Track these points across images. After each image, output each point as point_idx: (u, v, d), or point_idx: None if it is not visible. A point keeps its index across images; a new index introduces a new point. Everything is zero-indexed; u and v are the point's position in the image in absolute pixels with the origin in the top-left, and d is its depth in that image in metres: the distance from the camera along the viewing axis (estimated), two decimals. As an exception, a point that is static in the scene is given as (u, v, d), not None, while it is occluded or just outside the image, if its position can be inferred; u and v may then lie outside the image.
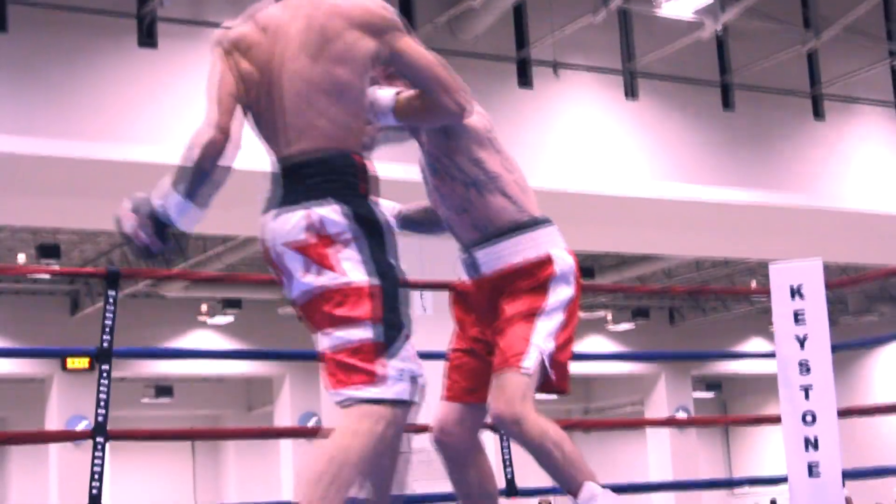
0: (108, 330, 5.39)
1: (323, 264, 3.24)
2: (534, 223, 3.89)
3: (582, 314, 23.81)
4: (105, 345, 5.37)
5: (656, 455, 25.11)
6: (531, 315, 3.74)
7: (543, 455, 3.68)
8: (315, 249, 3.25)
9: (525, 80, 13.56)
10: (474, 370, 3.90)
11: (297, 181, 3.29)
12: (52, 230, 16.85)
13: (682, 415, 25.02)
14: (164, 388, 25.74)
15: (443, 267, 13.06)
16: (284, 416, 22.73)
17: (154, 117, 11.33)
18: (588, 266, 20.12)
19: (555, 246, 3.90)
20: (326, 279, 3.23)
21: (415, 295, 13.30)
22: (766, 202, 14.24)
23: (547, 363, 3.72)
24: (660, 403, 25.56)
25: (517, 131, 13.20)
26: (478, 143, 3.85)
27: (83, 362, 19.29)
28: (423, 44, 3.39)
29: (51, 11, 11.03)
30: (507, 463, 6.13)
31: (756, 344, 24.97)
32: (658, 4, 13.03)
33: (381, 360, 3.19)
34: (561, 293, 3.81)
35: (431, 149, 3.83)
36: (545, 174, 13.12)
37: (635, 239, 15.70)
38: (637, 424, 21.24)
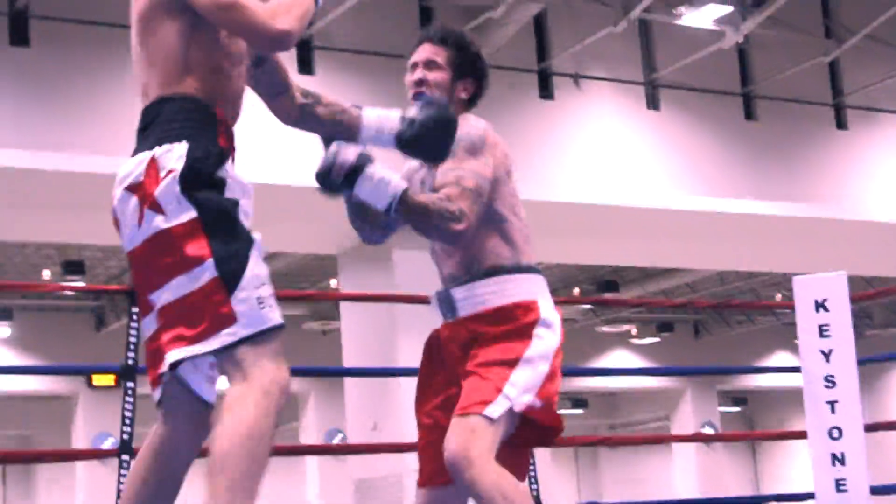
0: (132, 347, 5.39)
1: (152, 206, 2.97)
2: (526, 269, 3.67)
3: (606, 328, 23.79)
4: (129, 362, 5.36)
5: (682, 471, 24.99)
6: (507, 363, 3.47)
7: None
8: (147, 189, 2.98)
9: (546, 91, 13.53)
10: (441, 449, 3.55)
11: (152, 126, 3.10)
12: (77, 246, 16.90)
13: (708, 430, 24.92)
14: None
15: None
16: (310, 432, 22.72)
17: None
18: (612, 280, 20.08)
19: (543, 296, 3.65)
20: (156, 222, 2.96)
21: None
22: (789, 214, 14.16)
23: (516, 417, 3.46)
24: (686, 418, 25.45)
25: (538, 143, 13.18)
26: (494, 181, 3.65)
27: (109, 379, 19.32)
28: None
29: (73, 26, 11.05)
30: (533, 479, 6.10)
31: (782, 358, 24.84)
32: (679, 15, 13.00)
33: (226, 296, 2.92)
34: (547, 341, 3.55)
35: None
36: (567, 186, 13.09)
37: (659, 252, 15.65)
38: (662, 440, 21.08)
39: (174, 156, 2.99)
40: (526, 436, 3.55)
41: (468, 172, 3.50)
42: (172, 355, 2.92)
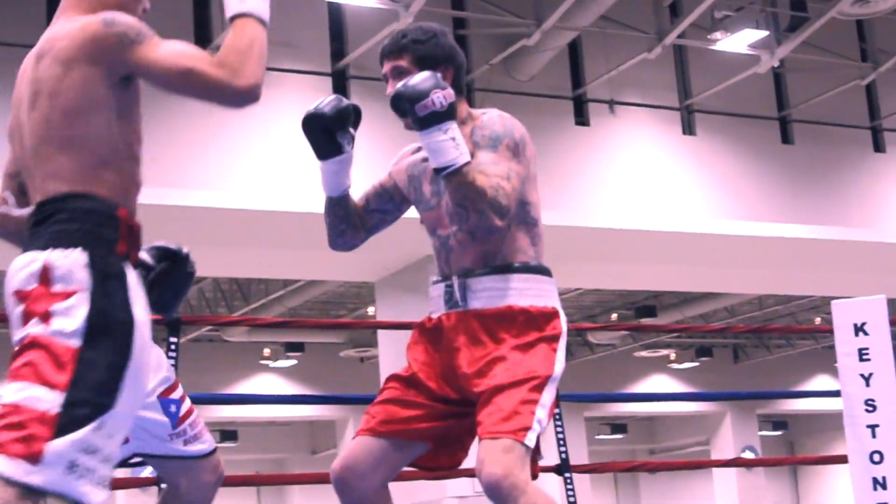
0: (170, 376, 5.41)
1: (34, 312, 2.69)
2: (545, 272, 3.56)
3: (644, 353, 23.73)
4: (167, 391, 5.38)
5: (723, 495, 24.86)
6: (543, 382, 3.36)
7: None
8: (33, 298, 2.72)
9: (582, 118, 13.55)
10: (408, 405, 3.51)
11: (45, 225, 2.79)
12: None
13: (748, 454, 24.79)
14: (228, 433, 25.84)
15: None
16: (348, 459, 22.71)
17: (214, 162, 11.41)
18: (650, 305, 20.05)
19: (558, 304, 3.55)
20: (31, 328, 2.67)
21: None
22: (827, 237, 14.11)
23: (539, 441, 3.37)
24: (726, 442, 25.33)
25: (574, 169, 13.19)
26: (531, 183, 3.56)
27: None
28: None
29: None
30: (571, 504, 6.08)
31: (822, 381, 24.71)
32: (714, 40, 13.00)
33: (44, 436, 2.57)
34: (561, 360, 3.44)
35: None
36: (603, 212, 13.09)
37: (697, 277, 15.61)
38: (702, 465, 21.04)
39: (70, 265, 2.71)
40: None
41: (514, 173, 3.44)
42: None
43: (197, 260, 3.50)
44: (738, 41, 12.90)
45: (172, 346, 5.43)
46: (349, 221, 3.73)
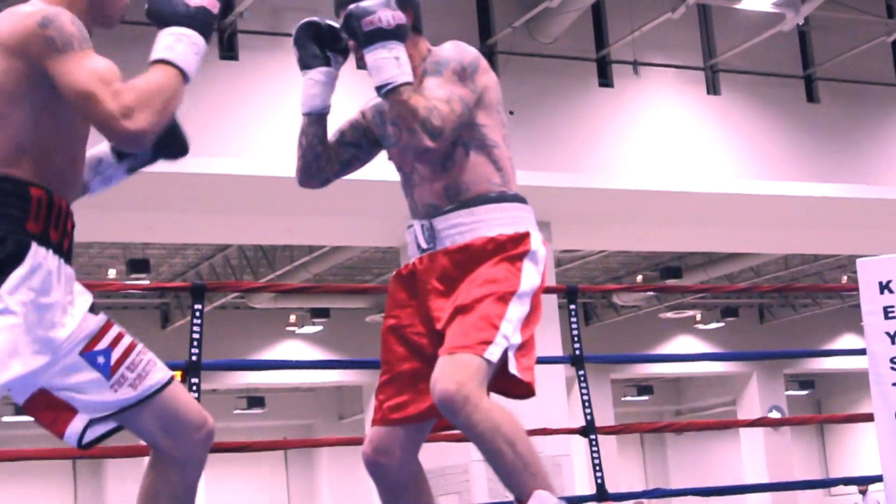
0: (196, 343, 5.42)
1: None
2: (515, 198, 3.48)
3: (670, 314, 23.69)
4: (194, 358, 5.40)
5: (750, 456, 24.85)
6: (505, 296, 3.27)
7: (492, 452, 3.13)
8: None
9: (605, 79, 13.49)
10: (409, 379, 3.42)
11: None
12: (140, 245, 17.05)
13: (775, 414, 24.76)
14: (255, 399, 25.95)
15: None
16: (375, 423, 22.78)
17: (236, 129, 11.41)
18: (675, 266, 20.01)
19: (532, 227, 3.46)
20: None
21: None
22: (853, 195, 14.04)
23: (512, 360, 3.25)
24: (752, 403, 25.29)
25: (599, 131, 13.15)
26: (485, 108, 3.47)
27: (175, 375, 19.47)
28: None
29: (128, 28, 11.15)
30: (597, 467, 6.09)
31: (849, 340, 24.64)
32: (738, -1, 12.92)
33: None
34: (530, 277, 3.35)
35: None
36: (628, 173, 13.05)
37: (722, 237, 15.57)
38: (729, 426, 20.94)
39: None
40: (500, 383, 3.33)
41: (457, 97, 3.36)
42: None
43: (222, 228, 3.52)
44: (762, -1, 12.81)
45: (198, 313, 5.45)
46: (324, 147, 3.67)
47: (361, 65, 3.44)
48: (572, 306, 6.27)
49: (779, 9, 12.99)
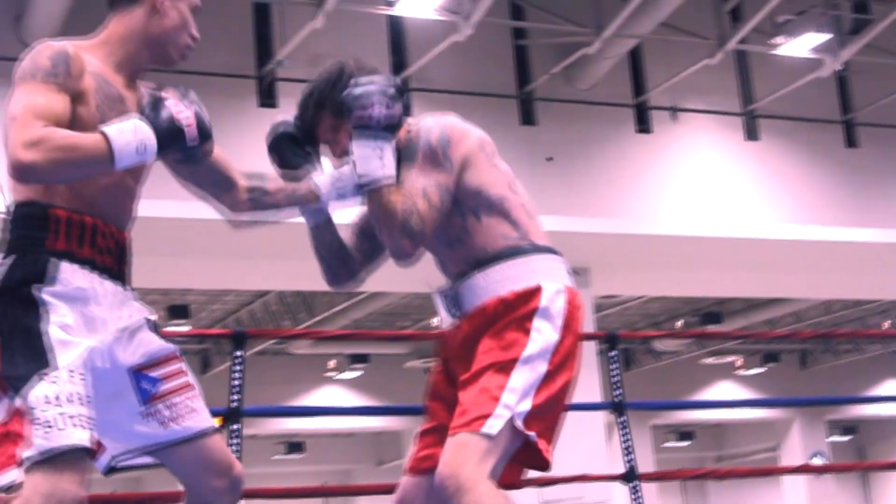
0: (236, 389, 5.44)
1: None
2: (532, 249, 3.31)
3: (711, 360, 23.59)
4: (234, 404, 5.42)
5: (793, 502, 24.64)
6: (507, 364, 3.15)
7: None
8: None
9: (644, 125, 13.50)
10: (444, 433, 3.27)
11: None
12: (181, 291, 17.13)
13: (817, 460, 24.56)
14: (295, 445, 25.96)
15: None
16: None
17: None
18: (715, 311, 19.93)
19: (551, 278, 3.28)
20: None
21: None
22: (895, 241, 13.97)
23: (521, 428, 3.12)
24: (795, 449, 25.11)
25: (637, 177, 13.15)
26: (478, 168, 3.35)
27: (215, 421, 19.51)
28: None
29: (173, 76, 11.25)
30: (638, 513, 6.06)
31: (892, 386, 24.44)
32: (776, 45, 12.91)
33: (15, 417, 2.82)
34: (544, 336, 3.19)
35: None
36: (667, 219, 13.04)
37: (762, 282, 15.50)
38: (771, 472, 20.80)
39: None
40: (520, 454, 3.22)
41: (433, 185, 3.25)
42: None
43: (261, 274, 3.54)
44: (801, 45, 12.81)
45: (238, 360, 5.47)
46: (345, 248, 3.56)
47: (338, 155, 3.40)
48: (613, 353, 6.26)
49: (817, 54, 12.99)
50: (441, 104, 12.66)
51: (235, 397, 5.42)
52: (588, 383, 12.59)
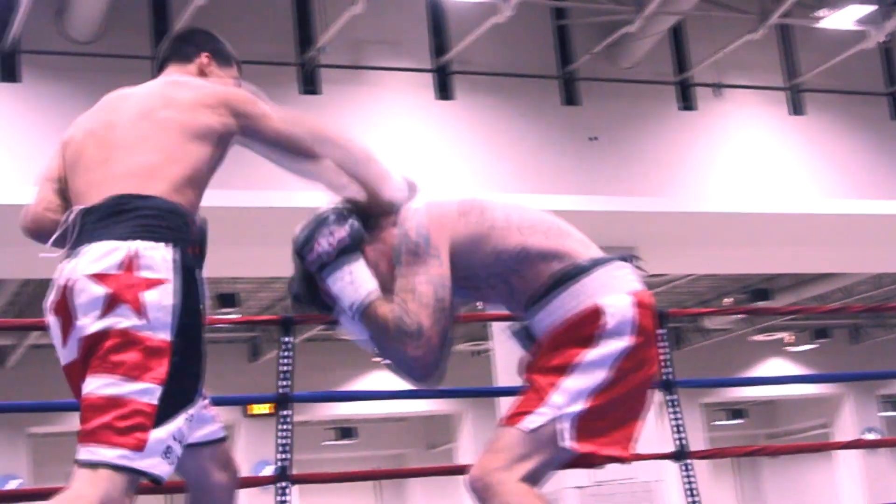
0: (286, 375, 5.46)
1: (123, 298, 2.86)
2: (579, 271, 3.22)
3: (761, 337, 23.47)
4: (283, 390, 5.44)
5: (846, 478, 24.51)
6: (561, 368, 3.11)
7: None
8: (119, 281, 2.87)
9: (687, 102, 13.43)
10: None
11: (125, 218, 2.97)
12: (229, 279, 17.21)
13: (870, 435, 24.41)
14: (346, 430, 26.05)
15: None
16: (467, 452, 22.81)
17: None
18: (764, 288, 19.83)
19: (607, 293, 3.20)
20: (121, 317, 2.86)
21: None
22: (944, 212, 13.85)
23: (567, 429, 3.08)
24: (847, 425, 24.97)
25: (682, 154, 13.09)
26: (478, 235, 3.26)
27: (265, 408, 19.59)
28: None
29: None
30: (689, 492, 6.04)
31: (945, 359, 24.25)
32: (819, 18, 12.81)
33: (148, 426, 2.83)
34: (608, 346, 3.12)
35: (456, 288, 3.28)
36: (713, 196, 12.98)
37: (811, 258, 15.40)
38: (823, 448, 20.66)
39: (158, 256, 2.93)
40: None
41: (423, 279, 3.18)
42: (85, 453, 2.84)
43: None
44: (844, 17, 12.69)
45: (286, 346, 5.49)
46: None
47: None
48: (662, 331, 6.24)
49: (861, 26, 12.88)
50: (483, 86, 12.68)
51: (284, 383, 5.44)
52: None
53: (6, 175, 10.21)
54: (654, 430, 12.75)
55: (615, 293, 3.20)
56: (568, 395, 3.08)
